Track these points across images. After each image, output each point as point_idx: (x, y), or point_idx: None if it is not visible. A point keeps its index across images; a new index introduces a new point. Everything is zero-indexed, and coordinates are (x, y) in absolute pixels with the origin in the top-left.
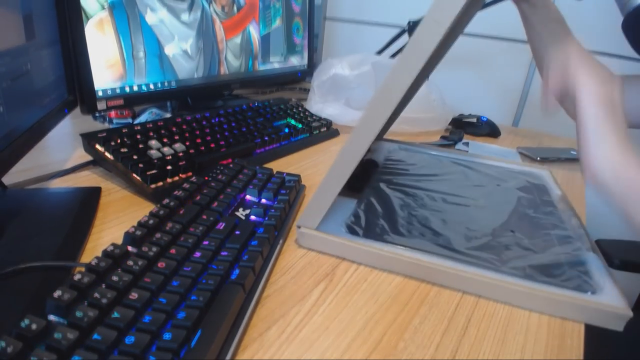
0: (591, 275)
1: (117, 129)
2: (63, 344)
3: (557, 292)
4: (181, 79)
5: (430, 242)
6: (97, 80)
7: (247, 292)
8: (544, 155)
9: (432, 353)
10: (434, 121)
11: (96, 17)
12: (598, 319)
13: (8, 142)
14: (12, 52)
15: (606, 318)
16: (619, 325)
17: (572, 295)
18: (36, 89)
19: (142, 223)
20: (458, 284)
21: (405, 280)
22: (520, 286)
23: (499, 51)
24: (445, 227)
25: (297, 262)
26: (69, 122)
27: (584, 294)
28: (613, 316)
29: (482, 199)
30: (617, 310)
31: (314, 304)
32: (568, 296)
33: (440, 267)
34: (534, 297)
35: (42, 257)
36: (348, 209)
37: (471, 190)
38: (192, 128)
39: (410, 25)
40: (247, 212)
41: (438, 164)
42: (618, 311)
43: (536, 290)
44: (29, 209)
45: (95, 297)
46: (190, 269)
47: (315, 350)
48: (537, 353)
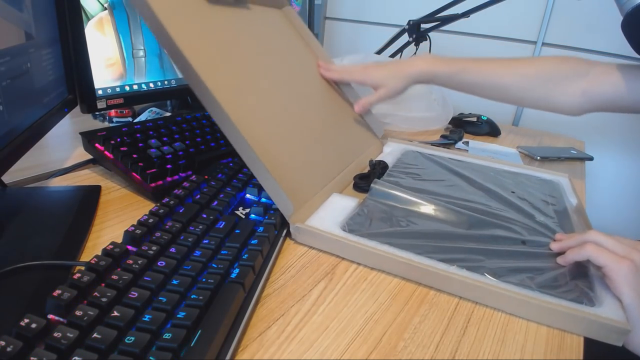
0: (593, 287)
1: (117, 128)
2: (63, 343)
3: (554, 303)
4: (181, 78)
5: (426, 244)
6: (97, 79)
7: (247, 291)
8: (544, 154)
9: (432, 353)
10: (434, 120)
11: (96, 17)
12: (597, 332)
13: (8, 141)
14: (12, 51)
15: (605, 332)
16: (618, 340)
17: (570, 307)
18: (36, 88)
19: (142, 222)
20: (453, 288)
21: (405, 279)
22: (517, 294)
23: (499, 51)
24: (445, 232)
25: (297, 261)
26: (68, 121)
27: (583, 306)
28: (612, 330)
29: (493, 205)
30: (617, 324)
31: (313, 303)
32: (566, 307)
33: (435, 270)
34: (530, 306)
35: (41, 256)
36: (350, 208)
37: (481, 196)
38: (192, 127)
39: (410, 25)
40: (247, 211)
41: (450, 169)
42: (617, 325)
43: (533, 299)
44: (29, 208)
45: (95, 296)
46: (190, 268)
47: (315, 350)
48: (537, 353)
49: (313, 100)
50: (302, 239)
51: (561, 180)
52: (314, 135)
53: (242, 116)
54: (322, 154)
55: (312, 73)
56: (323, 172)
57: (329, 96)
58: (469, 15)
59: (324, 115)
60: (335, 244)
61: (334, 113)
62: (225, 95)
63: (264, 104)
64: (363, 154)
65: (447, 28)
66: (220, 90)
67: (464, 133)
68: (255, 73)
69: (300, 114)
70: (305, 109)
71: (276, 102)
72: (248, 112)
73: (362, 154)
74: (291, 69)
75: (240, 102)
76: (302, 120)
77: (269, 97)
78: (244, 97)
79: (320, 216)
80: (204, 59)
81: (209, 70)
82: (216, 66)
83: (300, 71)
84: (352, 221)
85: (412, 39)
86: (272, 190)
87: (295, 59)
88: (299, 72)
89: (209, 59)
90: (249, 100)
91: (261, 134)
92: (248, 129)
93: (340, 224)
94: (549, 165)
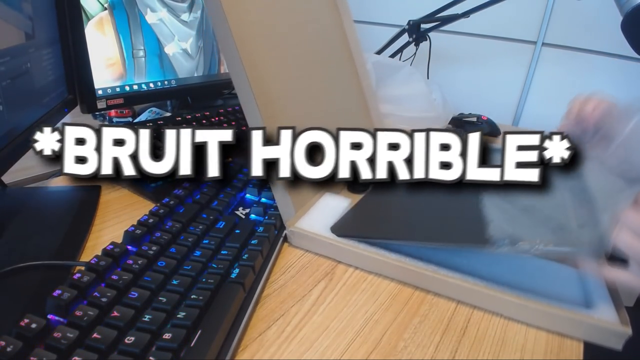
0: (590, 290)
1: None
2: (63, 343)
3: (552, 307)
4: (181, 78)
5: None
6: (97, 80)
7: (247, 292)
8: None
9: (431, 353)
10: (434, 120)
11: (96, 17)
12: (596, 336)
13: (8, 141)
14: (12, 51)
15: (604, 336)
16: (617, 343)
17: (568, 311)
18: (36, 88)
19: (142, 222)
20: (451, 292)
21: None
22: (515, 298)
23: (499, 51)
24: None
25: (296, 261)
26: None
27: (582, 310)
28: (612, 334)
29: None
30: (616, 328)
31: (313, 303)
32: (564, 311)
33: (430, 273)
34: (528, 310)
35: (41, 256)
36: (341, 208)
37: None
38: (192, 127)
39: (410, 25)
40: (247, 211)
41: None
42: (617, 328)
43: (530, 303)
44: (29, 208)
45: (95, 296)
46: (190, 268)
47: (315, 350)
48: (537, 353)
49: (332, 86)
50: (297, 243)
51: None
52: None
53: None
54: None
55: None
56: None
57: (344, 82)
58: (469, 15)
59: (335, 105)
60: (329, 247)
61: (343, 101)
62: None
63: (291, 91)
64: None
65: (447, 28)
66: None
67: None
68: (292, 52)
69: (315, 105)
70: (321, 99)
71: (301, 87)
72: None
73: None
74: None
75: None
76: (316, 113)
77: (298, 83)
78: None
79: (312, 217)
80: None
81: (249, 47)
82: (256, 36)
83: (328, 49)
84: (342, 223)
85: (412, 39)
86: (278, 193)
87: (326, 33)
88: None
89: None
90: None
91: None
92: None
93: (331, 225)
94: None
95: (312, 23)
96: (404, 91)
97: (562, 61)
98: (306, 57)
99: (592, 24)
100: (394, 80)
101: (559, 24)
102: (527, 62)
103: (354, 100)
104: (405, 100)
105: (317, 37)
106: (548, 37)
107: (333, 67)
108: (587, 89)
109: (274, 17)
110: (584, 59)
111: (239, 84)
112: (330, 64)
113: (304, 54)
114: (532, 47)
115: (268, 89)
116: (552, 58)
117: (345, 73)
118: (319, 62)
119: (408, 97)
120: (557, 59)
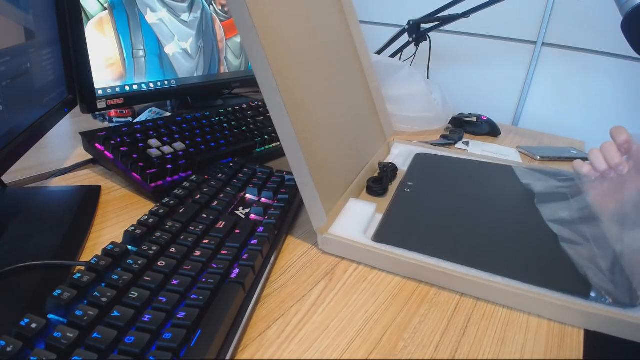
0: (591, 279)
1: (117, 128)
2: (63, 343)
3: (554, 297)
4: (181, 78)
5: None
6: (97, 79)
7: (247, 291)
8: (544, 154)
9: (432, 353)
10: (434, 120)
11: (96, 17)
12: (597, 324)
13: (8, 141)
14: (12, 51)
15: (605, 323)
16: (618, 331)
17: (569, 300)
18: (36, 88)
19: (142, 222)
20: (456, 285)
21: (405, 279)
22: (517, 289)
23: (499, 51)
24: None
25: (297, 261)
26: (68, 121)
27: (583, 298)
28: (612, 322)
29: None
30: (617, 316)
31: (313, 303)
32: (565, 300)
33: (437, 268)
34: (530, 299)
35: (41, 255)
36: (369, 213)
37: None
38: (192, 127)
39: (410, 25)
40: (247, 210)
41: (468, 172)
42: (617, 317)
43: (532, 293)
44: (29, 208)
45: (95, 296)
46: (190, 268)
47: (315, 350)
48: (537, 353)
49: (345, 90)
50: (331, 249)
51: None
52: (342, 134)
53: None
54: (347, 154)
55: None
56: (345, 175)
57: (355, 84)
58: (469, 15)
59: (350, 110)
60: (366, 254)
61: (356, 105)
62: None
63: (314, 96)
64: (375, 155)
65: (447, 28)
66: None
67: (464, 133)
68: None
69: (335, 109)
70: (339, 103)
71: (321, 94)
72: (300, 104)
73: (374, 156)
74: (334, 48)
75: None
76: (336, 117)
77: (318, 87)
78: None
79: (343, 224)
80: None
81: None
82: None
83: (339, 52)
84: (381, 230)
85: (412, 39)
86: (309, 199)
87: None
88: (339, 52)
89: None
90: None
91: (307, 130)
92: (298, 125)
93: (364, 231)
94: (549, 165)
95: (324, 27)
96: (404, 91)
97: (562, 61)
98: (323, 60)
99: (592, 24)
100: (394, 80)
101: (559, 24)
102: (527, 62)
103: (364, 101)
104: (405, 100)
105: (329, 40)
106: (548, 37)
107: (345, 69)
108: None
109: (293, 22)
110: (584, 59)
111: (267, 90)
112: (342, 66)
113: (321, 58)
114: (532, 47)
115: (294, 93)
116: (552, 58)
117: (355, 75)
118: (333, 64)
119: (408, 97)
120: (557, 59)
